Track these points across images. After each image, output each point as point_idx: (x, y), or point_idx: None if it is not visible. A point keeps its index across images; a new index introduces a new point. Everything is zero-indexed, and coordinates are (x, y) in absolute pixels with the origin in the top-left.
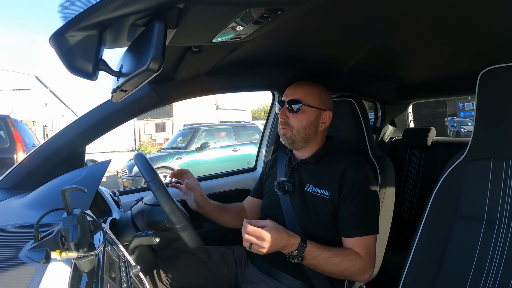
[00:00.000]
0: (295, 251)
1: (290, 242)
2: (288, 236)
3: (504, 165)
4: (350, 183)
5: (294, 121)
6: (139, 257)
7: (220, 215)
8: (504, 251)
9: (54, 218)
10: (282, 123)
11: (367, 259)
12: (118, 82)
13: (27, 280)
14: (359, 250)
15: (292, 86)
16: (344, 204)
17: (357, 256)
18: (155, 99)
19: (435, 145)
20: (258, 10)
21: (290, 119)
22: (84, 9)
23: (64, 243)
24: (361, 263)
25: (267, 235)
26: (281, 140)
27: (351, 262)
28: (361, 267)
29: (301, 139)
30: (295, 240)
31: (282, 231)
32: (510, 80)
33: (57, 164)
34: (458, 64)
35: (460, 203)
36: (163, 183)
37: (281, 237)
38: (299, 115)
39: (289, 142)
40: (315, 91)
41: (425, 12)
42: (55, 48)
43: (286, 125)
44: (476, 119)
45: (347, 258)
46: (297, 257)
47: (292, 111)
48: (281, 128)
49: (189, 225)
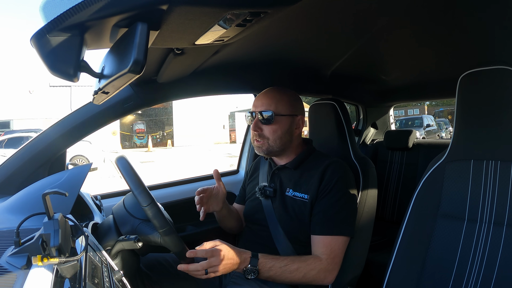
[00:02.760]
0: (248, 266)
1: (242, 257)
2: (239, 251)
3: (484, 165)
4: (325, 183)
5: (269, 132)
6: (122, 261)
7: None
8: (486, 248)
9: (35, 222)
10: (256, 135)
11: (329, 261)
12: (100, 84)
13: (8, 286)
14: (322, 251)
15: (261, 95)
16: (317, 202)
17: (315, 260)
18: (137, 101)
19: (416, 147)
20: (241, 13)
21: (264, 131)
22: (66, 10)
23: (46, 248)
24: (321, 267)
25: (217, 251)
26: (257, 152)
27: (309, 267)
28: (321, 270)
29: (278, 148)
30: (246, 255)
31: (232, 248)
32: (489, 84)
33: (38, 167)
34: (439, 68)
35: (441, 203)
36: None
37: (232, 252)
38: (273, 126)
39: (266, 153)
40: (285, 98)
41: (407, 18)
42: (36, 48)
43: (261, 137)
44: (456, 122)
45: (305, 263)
46: (252, 271)
47: (265, 123)
48: (255, 141)
49: (172, 229)
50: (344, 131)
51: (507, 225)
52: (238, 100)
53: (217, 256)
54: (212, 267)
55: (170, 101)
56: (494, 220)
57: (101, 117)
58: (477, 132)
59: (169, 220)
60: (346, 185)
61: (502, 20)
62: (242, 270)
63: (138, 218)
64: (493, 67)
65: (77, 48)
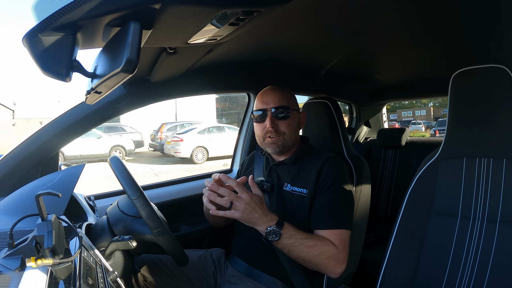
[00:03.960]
0: (273, 226)
1: (269, 216)
2: (268, 210)
3: (476, 163)
4: (324, 178)
5: (285, 127)
6: (116, 262)
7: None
8: (479, 245)
9: (28, 224)
10: (270, 132)
11: (340, 250)
12: (92, 84)
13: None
14: (333, 241)
15: (269, 92)
16: (317, 197)
17: (331, 244)
18: (130, 101)
19: (409, 145)
20: (234, 12)
21: (280, 126)
22: (58, 9)
23: (39, 250)
24: (334, 252)
25: (249, 193)
26: (269, 149)
27: (324, 248)
28: (333, 256)
29: (292, 143)
30: (273, 216)
31: (264, 203)
32: (481, 82)
33: (30, 168)
34: (432, 67)
35: (434, 201)
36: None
37: (263, 205)
38: (287, 121)
39: (280, 149)
40: (290, 94)
41: (401, 17)
42: (28, 48)
43: (277, 133)
44: (449, 120)
45: (321, 242)
46: (275, 233)
47: (279, 118)
48: (268, 138)
49: (166, 229)
50: (338, 130)
51: (500, 221)
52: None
53: (248, 196)
54: (238, 202)
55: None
56: (487, 217)
57: (94, 117)
58: (469, 129)
59: (163, 219)
60: (344, 179)
61: (494, 18)
62: (265, 229)
63: (129, 215)
64: (485, 65)
65: (69, 47)
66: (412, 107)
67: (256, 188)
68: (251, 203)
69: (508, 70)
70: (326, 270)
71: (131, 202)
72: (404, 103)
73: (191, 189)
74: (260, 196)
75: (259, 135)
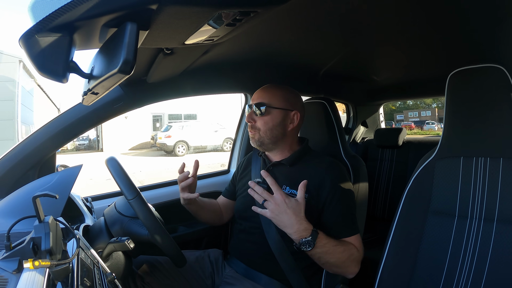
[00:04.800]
0: (308, 237)
1: (303, 226)
2: (303, 218)
3: (473, 162)
4: (330, 189)
5: (260, 123)
6: (114, 263)
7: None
8: (477, 244)
9: (25, 226)
10: (250, 127)
11: (360, 253)
12: (89, 85)
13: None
14: (355, 244)
15: (258, 90)
16: (328, 211)
17: (354, 248)
18: (127, 102)
19: (406, 144)
20: (230, 12)
21: (257, 122)
22: (54, 10)
23: (37, 252)
24: (357, 255)
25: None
26: (251, 143)
27: (350, 252)
28: (356, 259)
29: (270, 140)
30: (308, 226)
31: (302, 211)
32: (478, 81)
33: (27, 170)
34: (429, 67)
35: (431, 200)
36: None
37: (301, 213)
38: (264, 117)
39: (257, 144)
40: (280, 92)
41: (398, 18)
42: (24, 49)
43: (253, 128)
44: (445, 119)
45: (348, 247)
46: (309, 244)
47: (257, 114)
48: (249, 132)
49: (163, 230)
50: (335, 130)
51: (497, 220)
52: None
53: (281, 198)
54: (270, 202)
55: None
56: (485, 216)
57: (90, 118)
58: (466, 129)
59: (160, 219)
60: (348, 186)
61: (491, 18)
62: (298, 239)
63: (126, 216)
64: (482, 65)
65: (66, 48)
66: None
67: (301, 192)
68: (282, 205)
69: (505, 70)
70: (347, 272)
71: (128, 203)
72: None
73: None
74: (298, 201)
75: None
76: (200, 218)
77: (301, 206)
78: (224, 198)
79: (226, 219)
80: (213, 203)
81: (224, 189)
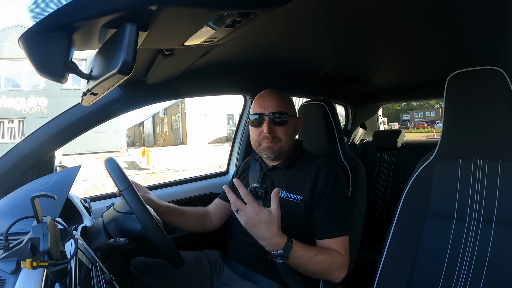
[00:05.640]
0: (280, 251)
1: (275, 240)
2: (279, 233)
3: (472, 164)
4: (321, 186)
5: (282, 133)
6: (112, 264)
7: (178, 217)
8: (475, 246)
9: (23, 226)
10: (267, 138)
11: (345, 257)
12: (88, 85)
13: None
14: (338, 248)
15: (267, 96)
16: (317, 207)
17: (337, 254)
18: (126, 102)
19: (405, 146)
20: (230, 14)
21: (277, 132)
22: (54, 10)
23: (35, 252)
24: (341, 261)
25: (259, 208)
26: (264, 154)
27: (332, 260)
28: (340, 264)
29: (288, 149)
30: (281, 240)
31: (276, 225)
32: (476, 84)
33: (25, 170)
34: (428, 69)
35: (430, 202)
36: (134, 189)
37: (273, 228)
38: (285, 127)
39: (275, 155)
40: (289, 99)
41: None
42: (24, 49)
43: (273, 139)
44: (444, 122)
45: (329, 255)
46: (281, 257)
47: (277, 124)
48: (264, 143)
49: (162, 231)
50: (334, 132)
51: (496, 222)
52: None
53: (253, 211)
54: (242, 213)
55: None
56: (483, 218)
57: (89, 118)
58: (465, 131)
59: (158, 220)
60: (342, 185)
61: (490, 21)
62: (271, 251)
63: (121, 212)
64: (480, 67)
65: (65, 49)
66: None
67: (274, 203)
68: (254, 217)
69: (503, 72)
70: (331, 278)
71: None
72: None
73: (187, 191)
74: (271, 214)
75: (254, 139)
76: (178, 225)
77: (274, 219)
78: (220, 200)
79: (216, 224)
80: (196, 210)
81: (221, 192)
